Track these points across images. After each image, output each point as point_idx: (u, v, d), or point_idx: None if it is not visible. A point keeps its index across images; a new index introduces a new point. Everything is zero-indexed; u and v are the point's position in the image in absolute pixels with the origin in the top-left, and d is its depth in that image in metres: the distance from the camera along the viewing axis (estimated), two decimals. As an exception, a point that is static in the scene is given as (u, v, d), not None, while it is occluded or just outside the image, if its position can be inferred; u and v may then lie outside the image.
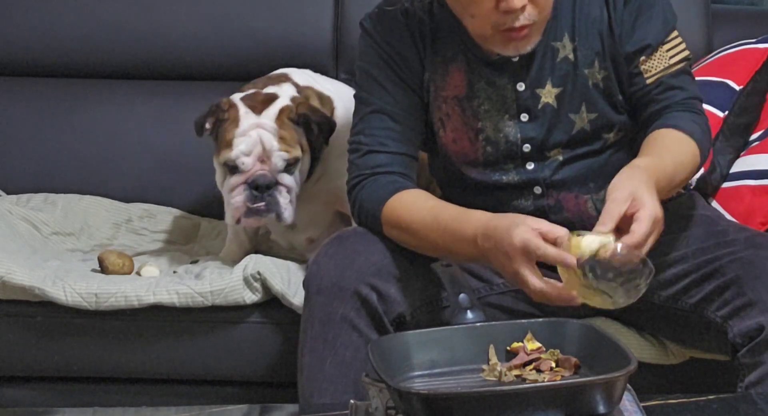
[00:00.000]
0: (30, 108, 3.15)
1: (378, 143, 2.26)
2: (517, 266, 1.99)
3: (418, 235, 2.18)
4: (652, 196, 1.99)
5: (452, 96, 2.27)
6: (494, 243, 2.03)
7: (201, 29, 3.15)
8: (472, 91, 2.26)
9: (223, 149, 2.62)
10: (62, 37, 3.17)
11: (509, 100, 2.25)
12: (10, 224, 2.82)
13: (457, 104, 2.27)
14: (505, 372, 1.87)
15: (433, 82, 2.28)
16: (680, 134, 2.19)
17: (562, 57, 2.24)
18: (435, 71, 2.27)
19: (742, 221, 2.53)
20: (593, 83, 2.24)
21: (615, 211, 1.96)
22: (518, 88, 2.24)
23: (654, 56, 2.24)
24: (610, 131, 2.26)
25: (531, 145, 2.25)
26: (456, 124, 2.28)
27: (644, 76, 2.24)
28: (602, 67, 2.24)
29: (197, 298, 2.55)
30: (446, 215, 2.15)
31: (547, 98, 2.24)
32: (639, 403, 1.82)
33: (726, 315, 2.15)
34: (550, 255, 1.96)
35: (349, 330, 2.16)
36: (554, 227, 1.99)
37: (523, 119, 2.25)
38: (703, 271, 2.20)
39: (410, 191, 2.23)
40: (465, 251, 2.11)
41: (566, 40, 2.23)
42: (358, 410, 1.85)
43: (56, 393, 2.65)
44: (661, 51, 2.24)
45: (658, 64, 2.24)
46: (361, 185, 2.26)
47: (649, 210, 1.97)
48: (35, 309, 2.59)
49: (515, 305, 2.30)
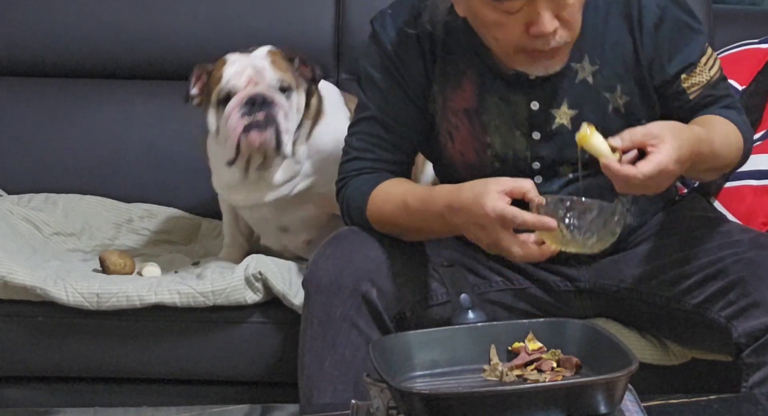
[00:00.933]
0: (31, 108, 3.15)
1: (366, 149, 2.27)
2: (496, 236, 2.01)
3: (397, 222, 2.19)
4: (677, 150, 1.98)
5: (462, 109, 2.24)
6: (465, 217, 2.04)
7: (201, 29, 3.15)
8: (482, 106, 2.23)
9: (213, 88, 2.60)
10: (62, 37, 3.17)
11: (521, 118, 2.21)
12: (11, 224, 2.82)
13: (466, 116, 2.24)
14: (507, 372, 1.87)
15: (442, 94, 2.24)
16: (727, 121, 2.19)
17: (580, 79, 2.20)
18: (445, 83, 2.24)
19: (743, 222, 2.53)
20: (614, 108, 2.21)
21: (637, 134, 1.98)
22: (532, 106, 2.21)
23: (695, 72, 2.21)
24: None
25: (540, 163, 2.24)
26: (464, 136, 2.25)
27: (688, 92, 2.22)
28: (624, 92, 2.21)
29: (198, 298, 2.55)
30: (413, 198, 2.16)
31: (562, 119, 2.21)
32: (640, 403, 1.82)
33: (730, 315, 2.15)
34: (528, 222, 1.98)
35: (348, 328, 2.16)
36: (516, 181, 2.02)
37: (535, 137, 2.22)
38: (707, 272, 2.19)
39: (386, 182, 2.23)
40: (440, 228, 2.14)
41: (586, 62, 2.19)
42: (360, 410, 1.86)
43: (57, 393, 2.65)
44: (700, 66, 2.22)
45: (700, 80, 2.22)
46: (347, 185, 2.27)
47: (662, 156, 1.96)
48: (36, 309, 2.59)
49: (514, 303, 2.30)
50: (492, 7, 2.05)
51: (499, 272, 2.30)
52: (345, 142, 2.31)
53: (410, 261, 2.23)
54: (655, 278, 2.25)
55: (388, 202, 2.20)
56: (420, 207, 2.14)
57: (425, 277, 2.23)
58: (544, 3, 2.03)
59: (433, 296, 2.24)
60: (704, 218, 2.32)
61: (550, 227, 1.96)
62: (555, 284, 2.31)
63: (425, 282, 2.23)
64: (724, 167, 2.21)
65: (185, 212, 3.07)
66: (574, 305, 2.32)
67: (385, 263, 2.19)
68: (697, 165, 2.09)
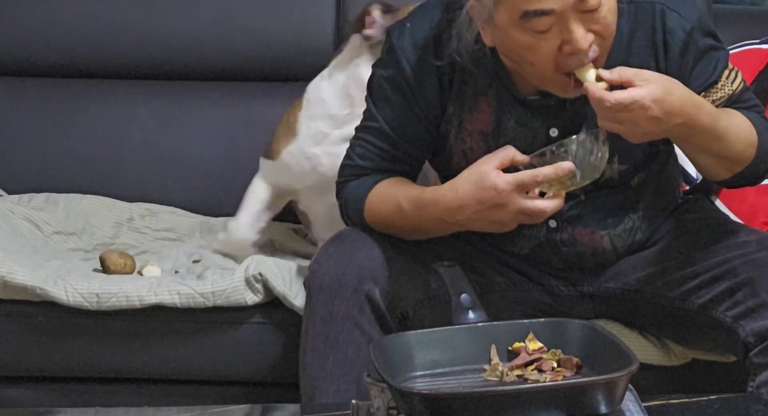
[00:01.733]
0: (31, 108, 3.15)
1: (368, 158, 2.26)
2: (519, 206, 2.01)
3: (394, 224, 2.20)
4: (661, 93, 1.98)
5: (478, 130, 2.21)
6: (473, 209, 2.04)
7: (201, 29, 3.15)
8: (498, 129, 2.19)
9: None
10: (63, 37, 3.17)
11: (539, 144, 2.15)
12: (11, 224, 2.82)
13: (482, 138, 2.21)
14: (507, 372, 1.87)
15: (458, 116, 2.21)
16: (744, 117, 2.17)
17: None
18: (462, 104, 2.21)
19: (745, 221, 2.53)
20: None
21: (628, 72, 1.99)
22: (551, 133, 2.17)
23: (716, 87, 2.19)
24: (634, 178, 2.24)
25: None
26: (479, 158, 2.14)
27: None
28: None
29: (198, 299, 2.55)
30: (406, 201, 2.15)
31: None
32: (641, 403, 1.82)
33: (737, 315, 2.15)
34: (549, 173, 1.99)
35: (351, 327, 2.16)
36: (497, 153, 2.04)
37: None
38: (714, 272, 2.19)
39: (383, 183, 2.23)
40: (438, 229, 2.15)
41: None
42: (360, 410, 1.86)
43: (58, 393, 2.65)
44: (722, 80, 2.20)
45: (722, 95, 2.19)
46: (345, 186, 2.27)
47: (641, 90, 1.97)
48: (36, 309, 2.59)
49: (516, 305, 2.30)
50: (521, 29, 2.01)
51: (502, 273, 2.30)
52: (350, 143, 2.30)
53: (412, 260, 2.23)
54: (660, 278, 2.25)
55: (384, 204, 2.20)
56: (414, 211, 2.14)
57: (427, 275, 2.22)
58: (574, 15, 1.99)
59: (435, 295, 2.24)
60: (710, 219, 2.31)
61: (569, 169, 1.98)
62: (558, 288, 2.30)
63: (427, 281, 2.23)
64: (733, 158, 2.16)
65: (186, 211, 3.07)
66: (576, 309, 2.31)
67: (388, 263, 2.19)
68: (695, 136, 2.07)
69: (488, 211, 2.04)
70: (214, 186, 3.06)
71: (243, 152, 3.05)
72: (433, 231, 2.19)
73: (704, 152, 2.14)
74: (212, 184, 3.06)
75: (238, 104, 3.12)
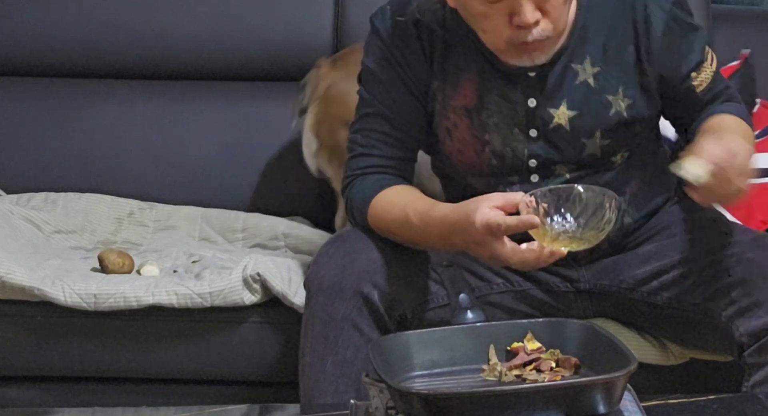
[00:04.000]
0: (30, 108, 3.15)
1: (371, 145, 2.26)
2: (491, 248, 2.00)
3: (397, 233, 2.19)
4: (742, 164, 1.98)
5: (461, 106, 2.24)
6: (462, 237, 2.04)
7: (201, 29, 3.15)
8: (481, 103, 2.23)
9: None
10: (62, 37, 3.17)
11: (520, 115, 2.21)
12: (11, 224, 2.82)
13: (466, 114, 2.24)
14: (506, 372, 1.87)
15: (442, 92, 2.25)
16: (736, 118, 2.19)
17: (581, 80, 2.20)
18: (445, 80, 2.25)
19: (742, 220, 2.53)
20: (615, 111, 2.21)
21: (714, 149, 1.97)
22: (529, 103, 2.21)
23: (703, 68, 2.23)
24: (617, 154, 2.25)
25: (537, 160, 2.23)
26: (463, 134, 2.25)
27: (697, 89, 2.23)
28: (627, 95, 2.21)
29: (196, 299, 2.55)
30: (414, 213, 2.15)
31: (561, 120, 2.21)
32: (639, 403, 1.82)
33: (732, 315, 2.15)
34: (512, 225, 1.96)
35: (350, 329, 2.16)
36: (508, 195, 2.01)
37: (532, 134, 2.22)
38: (708, 272, 2.19)
39: (392, 189, 2.23)
40: (440, 245, 2.14)
41: (587, 64, 2.20)
42: (359, 410, 1.85)
43: (56, 393, 2.65)
44: (706, 62, 2.24)
45: (707, 76, 2.23)
46: (352, 184, 2.27)
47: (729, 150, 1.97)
48: (35, 309, 2.59)
49: (515, 305, 2.30)
50: None
51: (499, 273, 2.30)
52: (349, 139, 2.30)
53: (412, 263, 2.22)
54: (656, 278, 2.25)
55: (390, 212, 2.19)
56: (420, 225, 2.13)
57: (426, 279, 2.23)
58: None
59: (434, 299, 2.24)
60: (705, 218, 2.32)
61: (533, 224, 1.94)
62: (555, 285, 2.31)
63: (426, 284, 2.23)
64: None
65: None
66: (573, 307, 2.32)
67: (388, 265, 2.19)
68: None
69: (472, 244, 2.03)
70: (213, 186, 3.06)
71: (242, 152, 3.06)
72: (434, 246, 2.17)
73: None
74: (211, 184, 3.06)
75: (237, 104, 3.12)
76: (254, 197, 3.05)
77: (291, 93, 2.94)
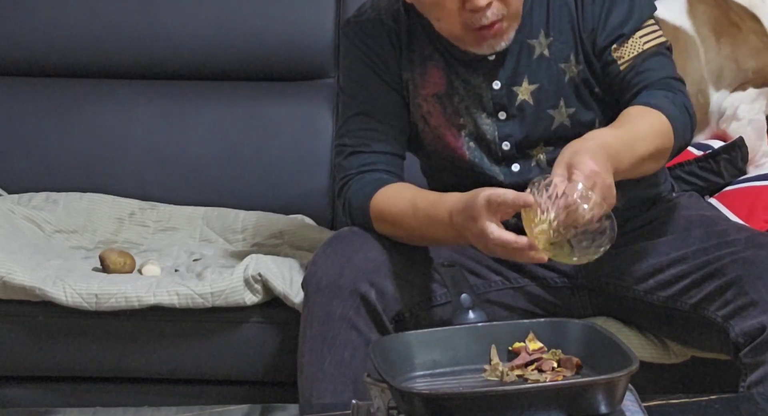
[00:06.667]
0: (31, 108, 3.15)
1: (361, 144, 2.28)
2: (481, 224, 1.97)
3: (402, 225, 2.19)
4: (591, 157, 1.93)
5: (432, 94, 2.28)
6: (464, 215, 2.03)
7: (202, 29, 3.15)
8: (451, 88, 2.27)
9: None
10: (63, 37, 3.16)
11: (486, 99, 2.25)
12: (12, 224, 2.82)
13: (438, 101, 2.28)
14: (507, 372, 1.87)
15: (412, 81, 2.29)
16: (646, 108, 2.15)
17: (538, 54, 2.24)
18: (413, 70, 2.28)
19: (744, 220, 2.53)
20: (570, 78, 2.24)
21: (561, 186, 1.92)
22: (494, 86, 2.25)
23: (626, 44, 2.22)
24: (590, 127, 2.25)
25: (510, 143, 2.25)
26: (438, 121, 2.28)
27: (618, 63, 2.22)
28: (578, 61, 2.24)
29: (197, 299, 2.55)
30: (424, 201, 2.16)
31: (524, 95, 2.24)
32: (641, 403, 1.82)
33: (727, 315, 2.15)
34: (509, 199, 1.93)
35: (348, 329, 2.16)
36: (521, 193, 1.96)
37: (501, 117, 2.26)
38: (704, 271, 2.19)
39: (393, 185, 2.24)
40: (444, 233, 2.13)
41: (542, 37, 2.24)
42: (360, 410, 1.85)
43: (57, 393, 2.65)
44: (634, 38, 2.23)
45: (631, 51, 2.22)
46: (348, 185, 2.27)
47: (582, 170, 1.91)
48: (36, 309, 2.59)
49: (514, 302, 2.31)
50: None
51: (498, 271, 2.31)
52: (336, 144, 2.32)
53: (410, 262, 2.23)
54: (652, 277, 2.26)
55: (395, 205, 2.20)
56: (430, 211, 2.14)
57: (425, 278, 2.23)
58: None
59: (434, 298, 2.25)
60: (701, 216, 2.32)
61: (527, 202, 1.90)
62: (552, 281, 2.32)
63: (425, 283, 2.24)
64: (652, 158, 2.14)
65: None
66: (572, 303, 2.32)
67: (385, 264, 2.19)
68: (629, 173, 2.07)
69: (471, 220, 2.02)
70: (215, 185, 3.06)
71: (243, 152, 3.05)
72: (439, 236, 2.16)
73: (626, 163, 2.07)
74: (212, 183, 3.06)
75: (237, 104, 3.12)
76: (255, 196, 3.05)
77: (292, 93, 2.94)
